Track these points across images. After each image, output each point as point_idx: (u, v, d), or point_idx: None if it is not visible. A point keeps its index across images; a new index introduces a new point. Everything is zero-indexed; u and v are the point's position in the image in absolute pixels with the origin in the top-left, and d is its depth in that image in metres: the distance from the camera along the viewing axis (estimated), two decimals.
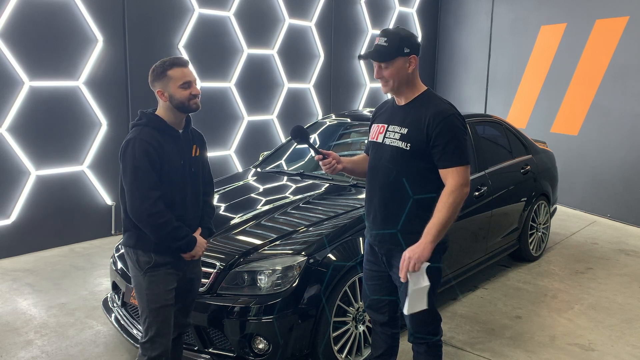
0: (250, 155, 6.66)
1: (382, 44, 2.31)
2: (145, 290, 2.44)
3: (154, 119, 2.43)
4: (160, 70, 2.40)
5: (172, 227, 2.36)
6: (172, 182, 2.42)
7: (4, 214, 4.98)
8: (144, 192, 2.32)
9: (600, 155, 6.76)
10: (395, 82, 2.34)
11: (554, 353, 3.43)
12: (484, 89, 8.45)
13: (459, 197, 2.25)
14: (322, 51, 7.43)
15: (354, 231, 3.19)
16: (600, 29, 6.73)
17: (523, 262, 5.01)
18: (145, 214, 2.32)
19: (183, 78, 2.40)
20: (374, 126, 2.55)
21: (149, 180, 2.33)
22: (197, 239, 2.49)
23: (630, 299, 4.28)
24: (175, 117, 2.46)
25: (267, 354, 2.80)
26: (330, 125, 4.70)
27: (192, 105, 2.44)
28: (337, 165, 2.50)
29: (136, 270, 2.46)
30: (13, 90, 4.86)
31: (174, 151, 2.43)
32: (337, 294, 2.97)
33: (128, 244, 2.47)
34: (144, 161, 2.32)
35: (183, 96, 2.40)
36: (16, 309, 3.95)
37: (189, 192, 2.51)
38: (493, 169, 4.41)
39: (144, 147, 2.32)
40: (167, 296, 2.45)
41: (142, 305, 2.47)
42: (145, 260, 2.43)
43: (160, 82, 2.41)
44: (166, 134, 2.43)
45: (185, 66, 2.43)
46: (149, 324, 2.45)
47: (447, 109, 2.32)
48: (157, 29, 5.72)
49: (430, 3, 9.00)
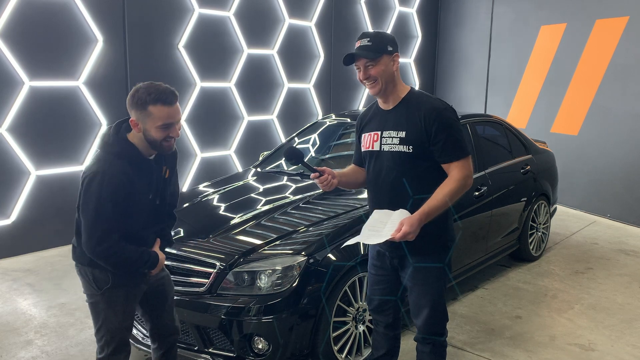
0: (250, 155, 6.66)
1: (365, 44, 2.31)
2: (103, 310, 2.27)
3: (129, 150, 2.17)
4: (140, 102, 2.10)
5: (132, 260, 2.19)
6: (135, 213, 2.22)
7: (4, 214, 4.98)
8: (102, 234, 2.11)
9: (600, 155, 6.76)
10: (383, 80, 2.33)
11: (554, 353, 3.43)
12: (484, 89, 8.44)
13: (462, 187, 2.28)
14: (322, 51, 7.43)
15: (354, 231, 3.18)
16: (600, 29, 6.73)
17: (523, 262, 5.01)
18: (102, 255, 2.14)
19: (165, 119, 2.12)
20: (364, 136, 2.50)
21: (111, 223, 2.11)
22: (159, 255, 2.35)
23: (630, 299, 4.28)
24: (147, 149, 2.22)
25: (267, 354, 2.80)
26: (330, 125, 4.70)
27: (166, 148, 2.20)
28: (332, 180, 2.45)
29: (92, 289, 2.27)
30: (13, 90, 4.86)
31: (144, 184, 2.23)
32: (337, 294, 2.97)
33: (81, 261, 2.27)
34: (108, 203, 2.09)
35: (159, 137, 2.14)
36: (16, 309, 3.95)
37: (152, 218, 2.33)
38: (493, 169, 4.41)
39: (113, 187, 2.09)
40: (126, 317, 2.31)
41: (98, 322, 2.30)
42: (102, 279, 2.24)
43: (137, 112, 2.12)
44: (137, 166, 2.19)
45: (172, 104, 2.13)
46: (106, 342, 2.31)
47: (439, 104, 2.34)
48: (157, 29, 5.72)
49: (430, 3, 9.00)
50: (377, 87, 2.35)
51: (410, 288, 2.46)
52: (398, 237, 2.17)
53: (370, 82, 2.35)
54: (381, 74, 2.32)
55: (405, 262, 2.44)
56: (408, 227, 2.17)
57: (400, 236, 2.17)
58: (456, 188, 2.27)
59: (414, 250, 2.37)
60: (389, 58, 2.33)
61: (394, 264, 2.49)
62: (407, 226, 2.17)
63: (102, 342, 2.33)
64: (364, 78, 2.35)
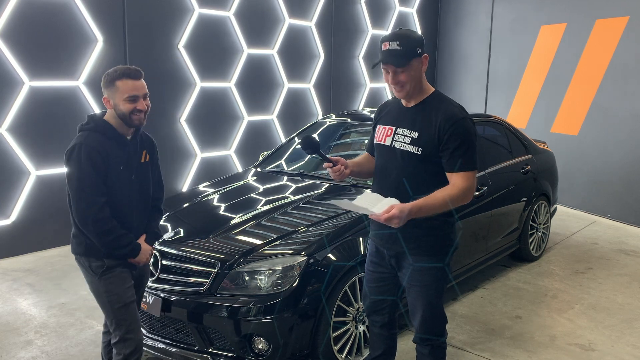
0: (250, 155, 6.66)
1: (395, 48, 2.23)
2: (104, 293, 2.45)
3: (102, 124, 2.40)
4: (109, 79, 2.36)
5: (117, 234, 2.37)
6: (117, 189, 2.41)
7: (4, 214, 4.98)
8: (89, 198, 2.31)
9: (600, 155, 6.76)
10: (411, 85, 2.30)
11: (554, 353, 3.43)
12: (484, 89, 8.45)
13: (462, 197, 2.25)
14: (322, 51, 7.43)
15: (354, 231, 3.19)
16: (600, 29, 6.73)
17: (523, 262, 5.01)
18: (90, 219, 2.31)
19: (130, 91, 2.35)
20: (379, 127, 2.50)
21: (95, 187, 2.32)
22: (142, 246, 2.51)
23: (630, 299, 4.28)
24: (121, 126, 2.43)
25: (267, 354, 2.80)
26: (330, 125, 4.70)
27: (135, 121, 2.40)
28: (345, 170, 2.46)
29: (90, 275, 2.48)
30: (13, 90, 4.86)
31: (120, 158, 2.41)
32: (337, 294, 2.97)
33: (78, 251, 2.47)
34: (89, 167, 2.30)
35: (127, 109, 2.36)
36: (16, 309, 3.95)
37: (136, 199, 2.50)
38: (493, 169, 4.41)
39: (90, 153, 2.31)
40: (127, 293, 2.48)
41: (105, 309, 2.49)
42: (97, 265, 2.44)
43: (108, 89, 2.38)
44: (113, 140, 2.40)
45: (137, 78, 2.38)
46: (117, 324, 2.46)
47: (458, 113, 2.29)
48: (157, 29, 5.72)
49: (430, 3, 9.00)
50: (405, 91, 2.31)
51: (407, 288, 2.46)
52: (384, 217, 2.13)
53: (399, 87, 2.30)
54: (410, 79, 2.28)
55: (402, 262, 2.43)
56: (397, 211, 2.12)
57: (386, 217, 2.13)
58: (456, 195, 2.23)
59: (413, 249, 2.37)
60: (418, 61, 2.28)
61: (392, 262, 2.48)
62: (397, 210, 2.13)
63: (114, 325, 2.47)
64: (394, 83, 2.30)
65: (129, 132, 2.47)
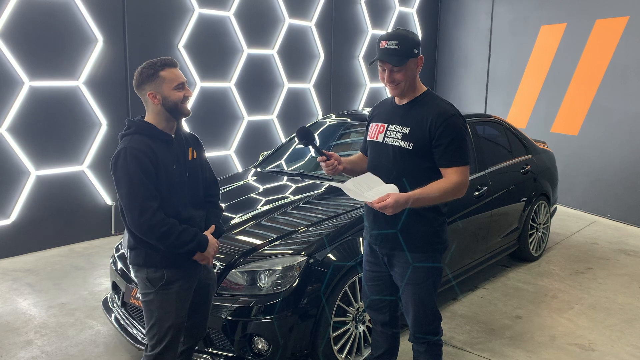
0: (250, 155, 6.67)
1: (393, 47, 2.29)
2: (157, 308, 2.32)
3: (144, 125, 2.29)
4: (150, 72, 2.25)
5: (178, 232, 2.23)
6: (170, 189, 2.29)
7: (4, 214, 4.98)
8: (141, 204, 2.18)
9: (600, 155, 6.76)
10: (406, 84, 2.36)
11: (554, 353, 3.43)
12: (484, 89, 8.45)
13: (455, 191, 2.30)
14: (322, 51, 7.43)
15: (354, 231, 3.19)
16: (600, 29, 6.73)
17: (523, 262, 5.01)
18: (146, 226, 2.18)
19: (177, 79, 2.28)
20: (372, 125, 2.55)
21: (145, 191, 2.19)
22: (209, 238, 2.38)
23: (630, 299, 4.28)
24: (167, 122, 2.33)
25: (267, 354, 2.80)
26: (330, 125, 4.70)
27: (184, 109, 2.33)
28: (338, 166, 2.50)
29: (147, 288, 2.33)
30: (13, 90, 4.86)
31: (168, 157, 2.30)
32: (337, 294, 2.97)
33: (137, 262, 2.34)
34: (137, 171, 2.17)
35: (178, 97, 2.28)
36: (16, 309, 3.95)
37: (190, 196, 2.39)
38: (493, 169, 4.41)
39: (136, 156, 2.18)
40: (180, 313, 2.35)
41: (151, 320, 2.35)
42: (156, 277, 2.31)
43: (151, 83, 2.26)
44: (158, 140, 2.29)
45: (177, 67, 2.33)
46: (158, 340, 2.34)
47: (449, 110, 2.35)
48: (157, 29, 5.72)
49: (430, 3, 9.00)
50: (399, 89, 2.37)
51: (400, 287, 2.47)
52: (378, 205, 2.16)
53: (394, 85, 2.36)
54: (405, 79, 2.34)
55: (393, 260, 2.45)
56: (393, 200, 2.15)
57: (380, 205, 2.16)
58: (450, 189, 2.28)
59: (405, 246, 2.38)
60: (414, 61, 2.34)
61: (384, 261, 2.50)
62: (392, 200, 2.15)
63: (154, 340, 2.35)
64: (389, 81, 2.35)
65: (172, 130, 2.36)
